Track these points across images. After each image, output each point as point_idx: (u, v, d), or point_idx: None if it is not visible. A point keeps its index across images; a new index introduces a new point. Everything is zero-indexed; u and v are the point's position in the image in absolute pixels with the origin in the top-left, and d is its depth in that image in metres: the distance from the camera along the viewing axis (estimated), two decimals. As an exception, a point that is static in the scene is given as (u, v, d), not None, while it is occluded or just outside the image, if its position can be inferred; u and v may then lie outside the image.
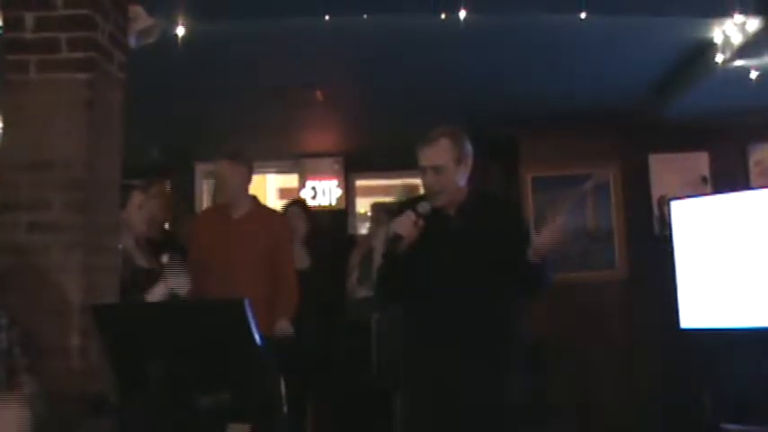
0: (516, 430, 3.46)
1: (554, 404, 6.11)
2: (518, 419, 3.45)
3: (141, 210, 4.57)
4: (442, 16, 4.41)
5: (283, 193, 9.22)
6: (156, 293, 4.42)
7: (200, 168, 8.17)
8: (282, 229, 5.16)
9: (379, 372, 5.54)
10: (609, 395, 6.37)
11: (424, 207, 3.44)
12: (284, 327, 4.80)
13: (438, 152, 3.47)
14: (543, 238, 3.32)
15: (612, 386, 6.42)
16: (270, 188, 9.31)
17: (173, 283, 4.47)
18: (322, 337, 5.98)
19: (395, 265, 3.47)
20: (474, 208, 3.54)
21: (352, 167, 8.32)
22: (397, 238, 3.37)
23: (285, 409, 5.26)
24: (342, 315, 6.43)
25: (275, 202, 9.54)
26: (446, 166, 3.47)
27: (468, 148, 3.56)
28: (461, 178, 3.54)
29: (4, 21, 3.57)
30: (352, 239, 7.61)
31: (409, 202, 3.64)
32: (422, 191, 3.71)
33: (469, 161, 3.55)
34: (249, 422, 2.95)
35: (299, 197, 7.67)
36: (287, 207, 6.44)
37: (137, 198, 4.48)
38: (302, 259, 5.87)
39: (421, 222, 3.39)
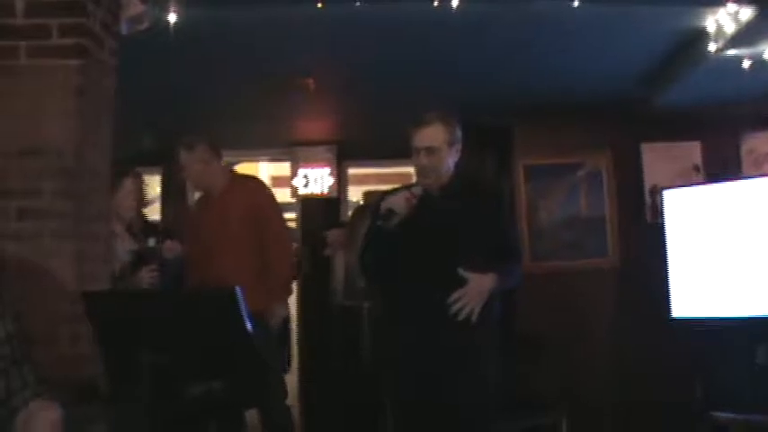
0: (491, 412, 3.51)
1: (544, 393, 6.13)
2: (494, 401, 3.50)
3: (132, 195, 4.59)
4: (435, 4, 4.40)
5: (276, 180, 9.20)
6: (144, 278, 4.45)
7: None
8: (259, 195, 4.92)
9: (370, 360, 5.56)
10: (600, 383, 6.38)
11: (417, 189, 3.57)
12: (277, 313, 4.65)
13: (432, 134, 3.59)
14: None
15: (603, 374, 6.43)
16: (262, 176, 9.28)
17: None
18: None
19: (383, 241, 3.56)
20: (458, 193, 3.60)
21: (344, 155, 8.31)
22: (390, 213, 3.46)
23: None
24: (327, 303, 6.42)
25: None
26: (439, 148, 3.60)
27: (459, 133, 3.67)
28: (451, 162, 3.63)
29: (-5, 6, 3.55)
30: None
31: (393, 190, 3.70)
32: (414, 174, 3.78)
33: (459, 146, 3.67)
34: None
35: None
36: None
37: (128, 183, 4.48)
38: None
39: (414, 201, 3.48)
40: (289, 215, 8.26)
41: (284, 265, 4.77)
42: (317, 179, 8.23)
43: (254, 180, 5.17)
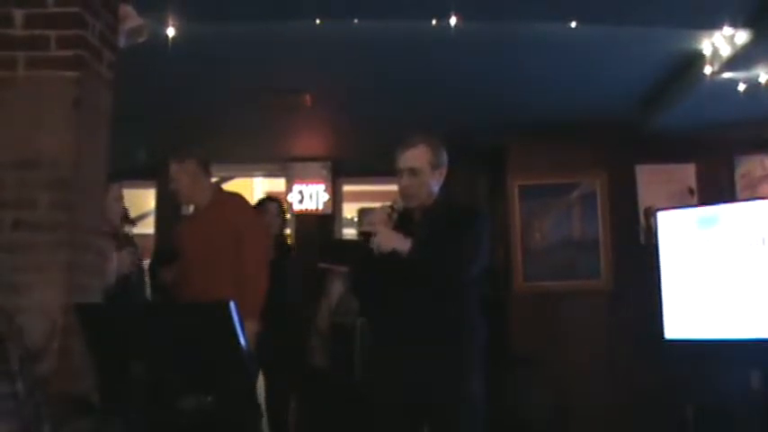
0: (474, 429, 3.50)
1: (537, 412, 6.12)
2: (481, 420, 3.49)
3: (118, 202, 4.58)
4: (433, 23, 4.42)
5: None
6: (125, 260, 4.44)
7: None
8: (239, 212, 4.85)
9: (362, 376, 5.54)
10: (592, 405, 6.36)
11: (398, 204, 3.59)
12: (249, 329, 4.36)
13: (416, 155, 3.59)
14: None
15: (596, 396, 6.41)
16: (257, 191, 9.29)
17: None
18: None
19: (365, 259, 3.55)
20: (438, 215, 3.59)
21: (339, 172, 8.32)
22: (368, 230, 3.51)
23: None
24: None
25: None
26: (422, 170, 3.58)
27: (444, 158, 3.66)
28: (435, 185, 3.62)
29: (-6, 17, 3.55)
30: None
31: (371, 208, 3.75)
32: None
33: (444, 170, 3.65)
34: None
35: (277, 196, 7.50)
36: (264, 201, 6.25)
37: (114, 190, 4.47)
38: None
39: (395, 216, 3.52)
40: (283, 231, 8.25)
41: (259, 282, 4.68)
42: (312, 195, 8.23)
43: (236, 197, 5.13)
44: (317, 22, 4.45)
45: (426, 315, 3.45)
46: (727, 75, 5.02)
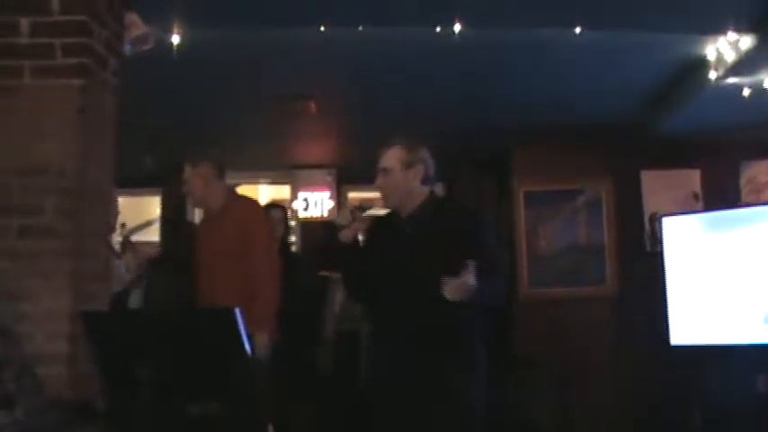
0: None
1: (541, 418, 6.10)
2: (473, 421, 3.48)
3: (116, 205, 4.60)
4: (437, 29, 4.43)
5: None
6: (131, 262, 4.49)
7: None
8: (251, 217, 4.75)
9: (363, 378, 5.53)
10: (598, 411, 6.36)
11: (375, 209, 3.72)
12: (260, 343, 4.28)
13: (388, 156, 3.62)
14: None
15: (602, 402, 6.40)
16: (262, 198, 9.30)
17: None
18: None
19: (340, 257, 3.65)
20: (426, 215, 3.60)
21: (344, 179, 8.32)
22: (334, 227, 3.58)
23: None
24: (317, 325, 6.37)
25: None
26: (393, 169, 3.60)
27: (421, 155, 3.64)
28: (415, 185, 3.60)
29: (-1, 25, 3.56)
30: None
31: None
32: None
33: (421, 169, 3.61)
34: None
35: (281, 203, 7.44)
36: (267, 208, 6.15)
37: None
38: None
39: (359, 213, 3.59)
40: (288, 238, 8.27)
41: (270, 289, 4.58)
42: (317, 203, 8.24)
43: (247, 201, 5.08)
44: (322, 28, 4.46)
45: (426, 315, 3.45)
46: (731, 80, 5.02)
